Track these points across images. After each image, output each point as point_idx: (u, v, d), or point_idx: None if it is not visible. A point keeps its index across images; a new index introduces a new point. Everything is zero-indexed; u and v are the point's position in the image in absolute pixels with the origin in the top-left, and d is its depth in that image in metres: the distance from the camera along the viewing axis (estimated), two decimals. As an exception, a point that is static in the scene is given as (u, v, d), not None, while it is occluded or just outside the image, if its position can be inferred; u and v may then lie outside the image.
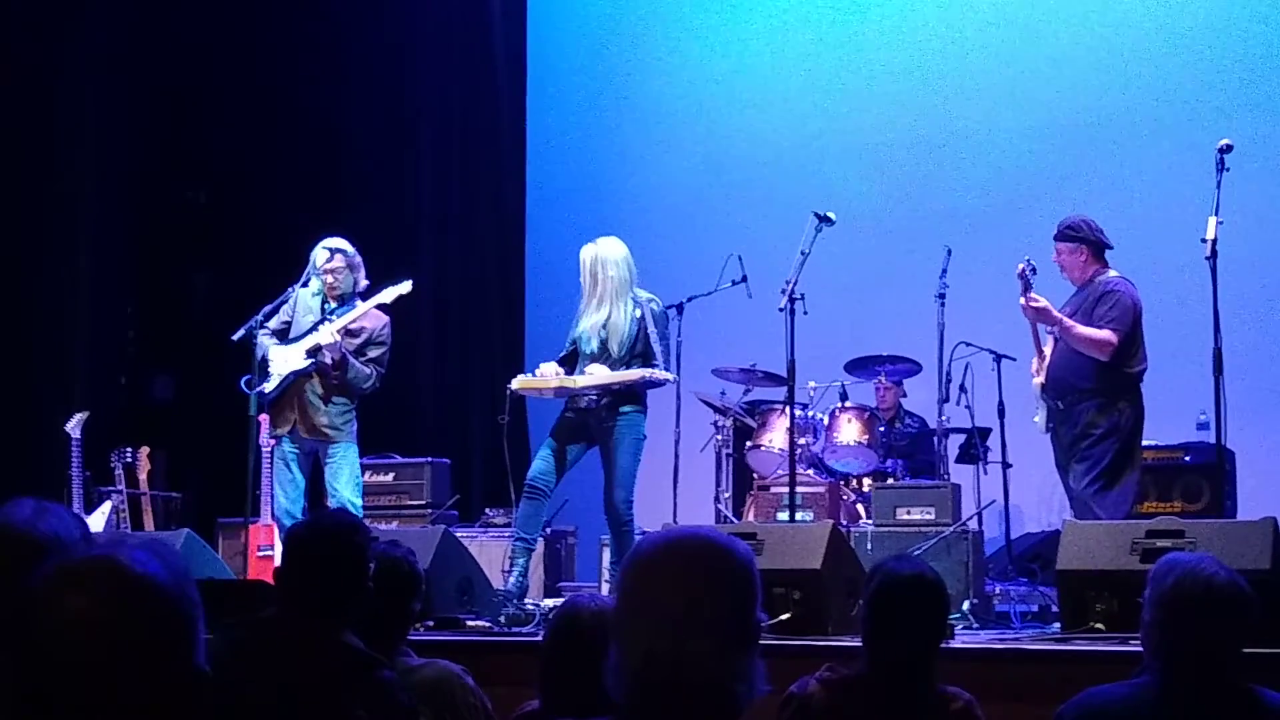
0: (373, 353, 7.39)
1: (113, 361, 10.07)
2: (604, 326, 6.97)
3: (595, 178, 11.10)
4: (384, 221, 10.29)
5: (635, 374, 6.89)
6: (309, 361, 7.30)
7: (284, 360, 7.35)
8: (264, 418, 7.45)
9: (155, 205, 10.29)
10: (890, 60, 10.51)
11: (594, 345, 7.01)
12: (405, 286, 7.41)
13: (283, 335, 7.44)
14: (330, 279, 7.38)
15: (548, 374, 7.04)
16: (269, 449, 7.53)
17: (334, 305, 7.42)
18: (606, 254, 6.99)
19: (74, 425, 8.29)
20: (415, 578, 3.90)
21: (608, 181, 11.05)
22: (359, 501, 7.42)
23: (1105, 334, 6.80)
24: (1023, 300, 6.88)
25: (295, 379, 7.33)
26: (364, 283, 7.48)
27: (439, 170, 11.00)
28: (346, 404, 7.39)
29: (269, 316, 7.43)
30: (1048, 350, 7.04)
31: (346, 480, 7.34)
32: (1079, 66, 10.01)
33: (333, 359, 7.25)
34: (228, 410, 7.84)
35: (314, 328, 7.36)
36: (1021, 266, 6.89)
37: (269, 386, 7.33)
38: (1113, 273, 6.99)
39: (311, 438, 7.35)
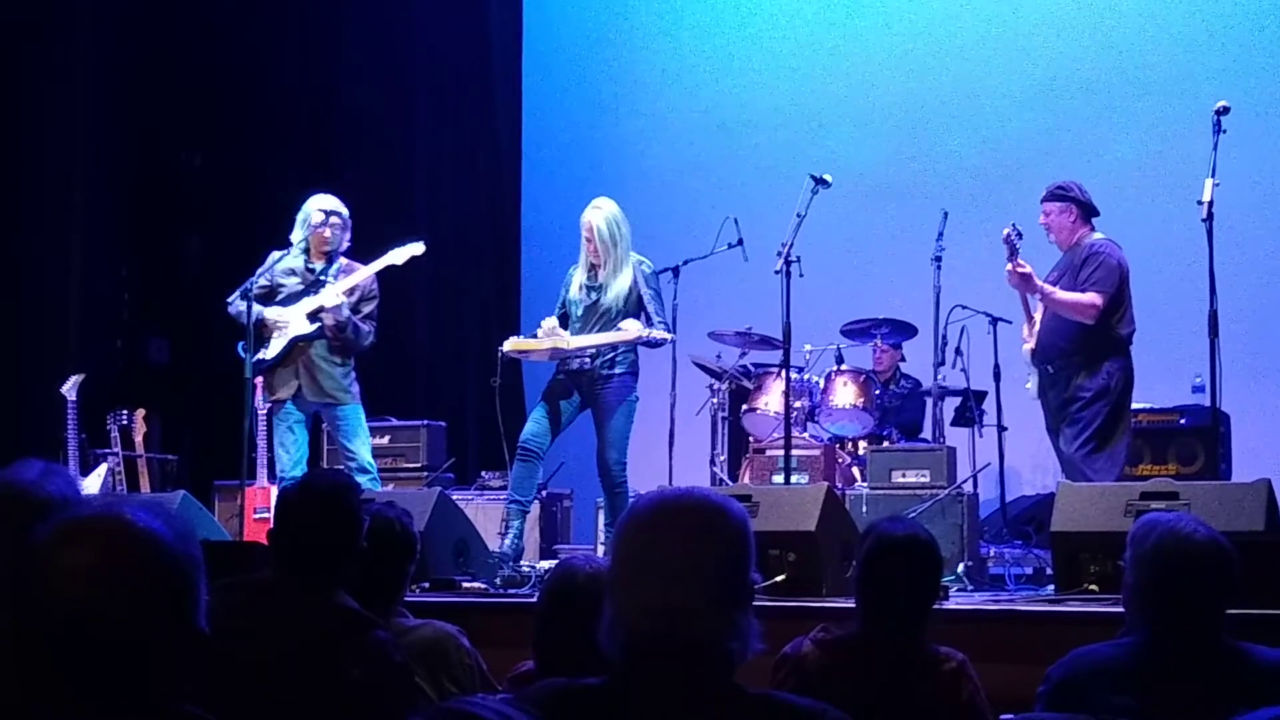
0: (366, 308, 7.34)
1: (108, 324, 10.05)
2: (607, 290, 6.95)
3: (591, 140, 11.07)
4: (379, 184, 10.25)
5: (633, 333, 6.89)
6: (315, 326, 7.23)
7: (285, 323, 7.25)
8: (259, 380, 7.43)
9: (150, 168, 10.25)
10: (887, 23, 10.46)
11: (585, 308, 7.00)
12: (417, 248, 7.32)
13: (266, 299, 7.30)
14: (327, 233, 7.30)
15: (546, 331, 7.02)
16: (264, 411, 7.52)
17: (320, 265, 7.36)
18: (617, 215, 6.98)
19: (70, 388, 8.28)
20: (410, 538, 3.90)
21: (603, 144, 11.01)
22: (373, 461, 7.41)
23: (1089, 297, 6.78)
24: (1009, 267, 6.86)
25: (298, 342, 7.25)
26: (348, 243, 7.44)
27: (434, 132, 10.96)
28: (350, 364, 7.36)
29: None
30: (1038, 316, 7.03)
31: (362, 441, 7.32)
32: (1076, 29, 9.97)
33: (336, 321, 7.22)
34: (223, 373, 7.83)
35: (309, 289, 7.29)
36: (1007, 231, 6.85)
37: (271, 352, 7.24)
38: (1098, 235, 6.98)
39: (318, 400, 7.28)
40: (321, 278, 7.30)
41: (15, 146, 9.48)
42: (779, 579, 5.48)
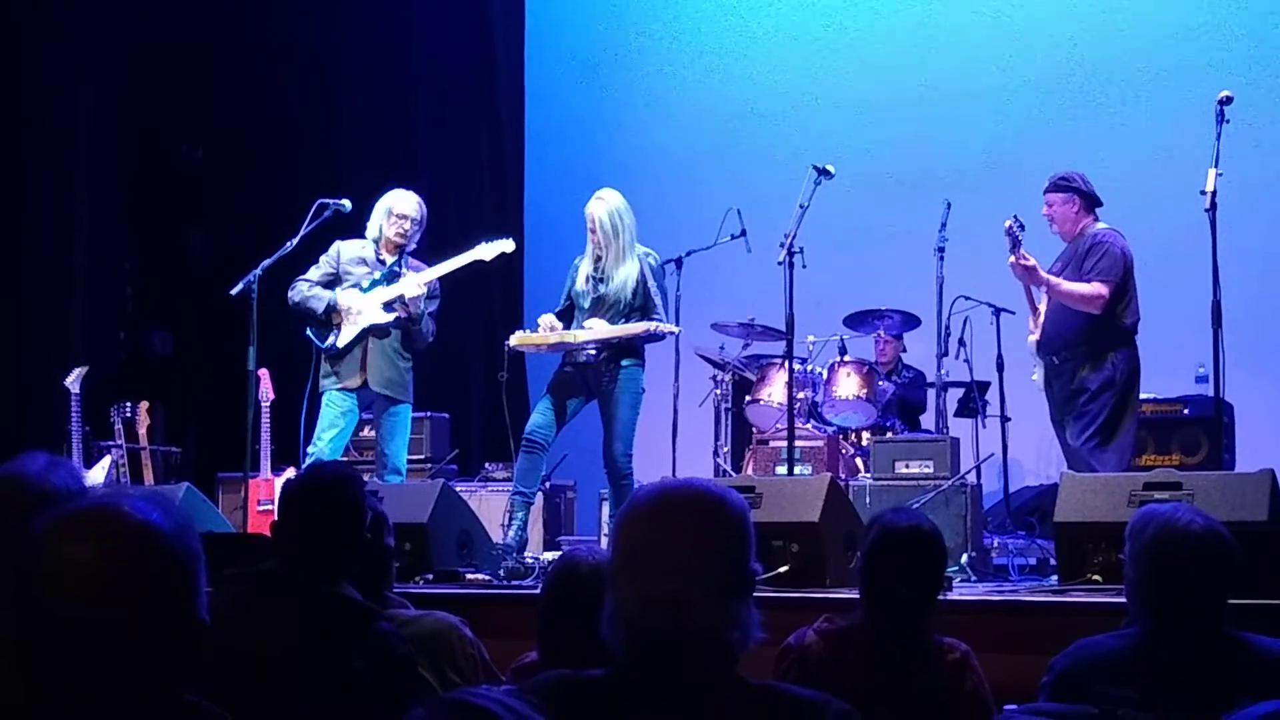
0: (431, 307, 7.29)
1: (111, 317, 10.07)
2: (611, 280, 6.94)
3: (594, 132, 11.06)
4: (381, 176, 10.20)
5: (639, 327, 6.87)
6: (390, 316, 7.16)
7: (359, 311, 7.14)
8: (263, 372, 7.40)
9: (153, 161, 10.25)
10: (889, 13, 10.46)
11: (592, 299, 7.00)
12: (507, 244, 7.25)
13: (330, 287, 7.21)
14: (410, 227, 7.25)
15: (546, 327, 7.02)
16: (268, 403, 7.49)
17: (391, 259, 7.26)
18: (620, 206, 6.96)
19: (73, 380, 8.29)
20: (379, 516, 3.84)
21: (606, 135, 11.01)
22: (406, 464, 7.37)
23: (1094, 287, 6.78)
24: (1012, 259, 6.84)
25: (371, 331, 7.14)
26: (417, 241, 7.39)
27: (436, 124, 10.95)
28: (411, 362, 7.31)
29: (288, 270, 7.20)
30: (1042, 307, 7.03)
31: (402, 443, 7.28)
32: (1079, 18, 9.96)
33: (411, 314, 7.14)
34: (226, 365, 7.82)
35: (382, 279, 7.18)
36: (1009, 224, 6.82)
37: (343, 339, 7.14)
38: (1102, 225, 6.97)
39: (381, 391, 7.18)
40: (394, 269, 7.22)
41: (18, 140, 9.49)
42: (782, 570, 5.48)
